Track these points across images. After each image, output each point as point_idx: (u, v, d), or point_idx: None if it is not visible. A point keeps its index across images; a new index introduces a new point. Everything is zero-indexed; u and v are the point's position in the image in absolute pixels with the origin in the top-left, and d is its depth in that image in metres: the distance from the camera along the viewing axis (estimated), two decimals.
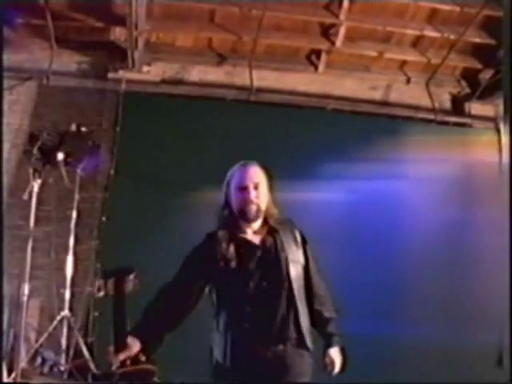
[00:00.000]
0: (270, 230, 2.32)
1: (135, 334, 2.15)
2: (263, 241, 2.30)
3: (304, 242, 2.38)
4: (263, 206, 2.31)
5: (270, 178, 2.41)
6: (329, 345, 2.31)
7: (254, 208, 2.27)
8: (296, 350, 2.20)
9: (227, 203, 2.36)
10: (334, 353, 2.30)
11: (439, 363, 4.76)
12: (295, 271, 2.25)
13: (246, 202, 2.27)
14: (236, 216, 2.32)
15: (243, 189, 2.30)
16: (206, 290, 2.31)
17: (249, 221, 2.30)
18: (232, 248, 2.25)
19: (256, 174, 2.35)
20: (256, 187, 2.30)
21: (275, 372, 2.17)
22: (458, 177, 5.44)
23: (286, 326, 2.19)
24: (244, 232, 2.31)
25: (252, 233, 2.32)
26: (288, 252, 2.27)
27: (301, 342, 2.21)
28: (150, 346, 2.18)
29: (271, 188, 2.40)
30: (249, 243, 2.28)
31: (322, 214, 4.94)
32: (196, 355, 2.55)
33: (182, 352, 3.67)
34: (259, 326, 2.17)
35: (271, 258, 2.25)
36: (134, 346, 2.12)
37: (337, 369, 2.29)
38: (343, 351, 2.34)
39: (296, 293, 2.22)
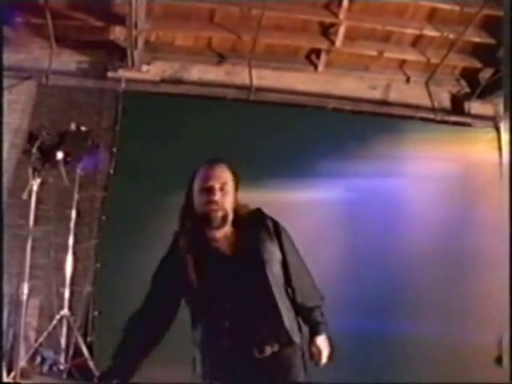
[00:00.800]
0: (239, 232, 2.13)
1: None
2: (234, 247, 2.10)
3: (277, 231, 2.18)
4: (229, 209, 2.11)
5: (236, 177, 2.21)
6: (314, 333, 2.18)
7: (219, 214, 2.08)
8: (288, 348, 2.07)
9: (189, 206, 2.16)
10: (321, 341, 2.17)
11: (439, 361, 4.76)
12: (272, 273, 2.08)
13: (210, 204, 2.07)
14: (200, 220, 2.11)
15: (208, 189, 2.10)
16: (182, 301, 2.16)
17: (214, 228, 2.10)
18: (201, 259, 2.05)
19: (223, 174, 2.15)
20: (222, 188, 2.11)
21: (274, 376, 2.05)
22: (458, 176, 5.44)
23: (272, 330, 2.03)
24: (214, 239, 2.12)
25: (222, 238, 2.12)
26: (263, 253, 2.09)
27: (289, 340, 2.06)
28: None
29: (237, 188, 2.20)
30: (219, 253, 2.09)
31: (322, 212, 4.94)
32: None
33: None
34: (240, 340, 2.01)
35: (245, 265, 2.06)
36: None
37: (324, 359, 2.17)
38: (330, 340, 2.21)
39: (276, 294, 2.06)
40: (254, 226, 2.16)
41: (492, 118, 5.85)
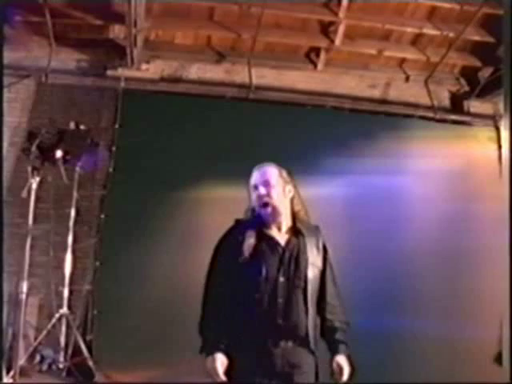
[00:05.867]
0: (295, 231, 2.34)
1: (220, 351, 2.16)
2: (287, 241, 2.31)
3: (325, 250, 2.40)
4: (280, 206, 2.31)
5: (291, 178, 2.41)
6: (336, 351, 2.28)
7: (268, 210, 2.28)
8: (302, 348, 2.21)
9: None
10: (342, 360, 2.27)
11: (438, 359, 4.75)
12: (312, 274, 2.28)
13: (258, 200, 2.30)
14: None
15: (254, 188, 2.32)
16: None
17: (266, 224, 2.31)
18: (254, 241, 2.26)
19: (267, 173, 2.34)
20: (266, 185, 2.30)
21: (282, 367, 2.17)
22: (457, 174, 5.43)
23: (293, 322, 2.20)
24: (270, 229, 2.33)
25: (277, 231, 2.33)
26: (309, 255, 2.29)
27: (306, 342, 2.21)
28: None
29: (295, 188, 2.40)
30: (272, 240, 2.30)
31: (322, 209, 4.92)
32: None
33: None
34: (267, 311, 2.18)
35: (292, 258, 2.28)
36: (224, 363, 2.14)
37: (345, 377, 2.26)
38: (350, 360, 2.30)
39: (309, 294, 2.24)
40: (309, 234, 2.35)
41: (491, 117, 5.85)
